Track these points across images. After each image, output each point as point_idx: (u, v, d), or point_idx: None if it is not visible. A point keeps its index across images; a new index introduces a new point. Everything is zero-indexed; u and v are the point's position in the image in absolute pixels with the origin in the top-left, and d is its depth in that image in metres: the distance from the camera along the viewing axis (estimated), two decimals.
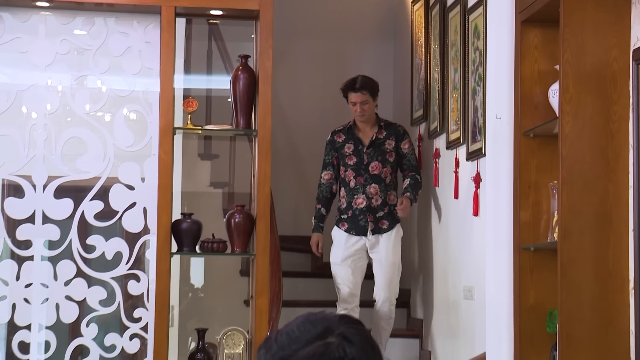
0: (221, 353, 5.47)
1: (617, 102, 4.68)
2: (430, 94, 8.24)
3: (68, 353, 5.43)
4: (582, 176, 4.72)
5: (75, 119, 5.55)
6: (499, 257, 5.50)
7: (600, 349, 4.65)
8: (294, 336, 2.39)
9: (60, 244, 5.43)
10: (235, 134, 6.26)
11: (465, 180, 7.24)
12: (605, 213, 4.70)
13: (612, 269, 4.68)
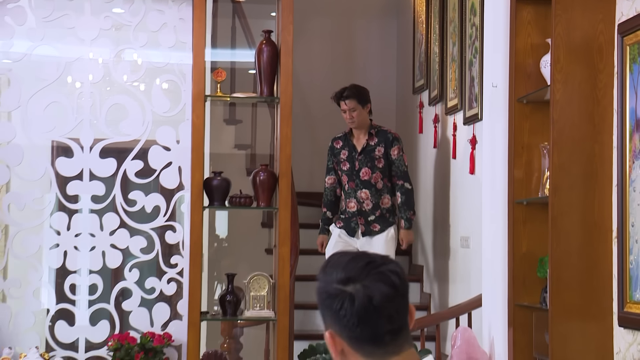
0: (248, 295, 5.47)
1: (603, 71, 4.68)
2: (430, 65, 8.22)
3: (113, 294, 5.46)
4: (570, 138, 4.72)
5: (117, 88, 5.55)
6: (495, 210, 5.52)
7: (586, 291, 4.67)
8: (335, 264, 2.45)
9: (105, 198, 5.44)
10: (259, 101, 6.17)
11: (462, 143, 7.25)
12: (591, 171, 4.70)
13: (597, 220, 4.69)
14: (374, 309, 2.36)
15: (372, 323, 2.37)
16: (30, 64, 5.46)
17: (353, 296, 2.35)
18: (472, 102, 6.97)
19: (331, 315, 2.37)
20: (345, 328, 2.36)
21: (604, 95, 4.68)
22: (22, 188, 5.52)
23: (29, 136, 5.47)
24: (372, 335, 2.39)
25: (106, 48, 5.50)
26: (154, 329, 5.40)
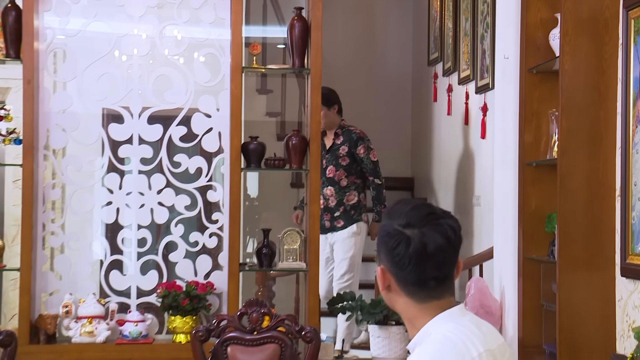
0: (282, 248, 5.49)
1: (608, 43, 4.66)
2: (444, 40, 8.18)
3: (160, 247, 5.48)
4: (577, 105, 4.71)
5: (162, 61, 5.52)
6: (506, 171, 5.53)
7: (590, 244, 4.68)
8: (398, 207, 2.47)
9: (152, 160, 5.45)
10: (291, 72, 6.11)
11: (474, 110, 7.23)
12: (596, 135, 4.69)
13: (602, 180, 4.69)
14: (426, 255, 2.39)
15: (421, 267, 2.39)
16: (84, 39, 5.44)
17: (410, 240, 2.39)
18: (484, 73, 6.94)
19: (386, 253, 2.42)
20: (396, 267, 2.41)
21: (609, 66, 4.66)
22: (78, 151, 5.54)
23: (84, 104, 5.46)
24: (418, 278, 2.41)
25: (152, 24, 5.48)
26: (198, 278, 5.41)
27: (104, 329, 5.20)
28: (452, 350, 2.37)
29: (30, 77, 5.24)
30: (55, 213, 5.50)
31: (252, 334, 3.88)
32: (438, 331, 2.42)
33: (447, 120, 8.09)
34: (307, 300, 5.47)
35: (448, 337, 2.39)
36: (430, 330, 2.42)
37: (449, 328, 2.41)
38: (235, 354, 3.86)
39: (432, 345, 2.39)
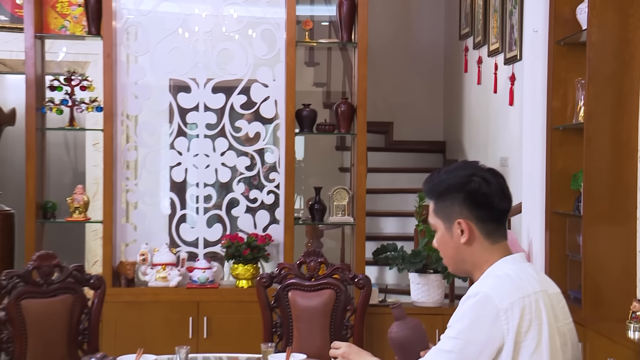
0: (331, 204, 5.47)
1: (634, 15, 4.56)
2: (474, 16, 8.04)
3: (224, 203, 5.47)
4: (603, 73, 4.62)
5: (224, 36, 5.48)
6: (534, 135, 5.44)
7: (614, 200, 4.60)
8: (449, 170, 2.55)
9: (216, 126, 5.43)
10: (341, 45, 6.03)
11: (503, 80, 7.10)
12: (620, 101, 4.60)
13: (625, 142, 4.61)
14: (502, 189, 2.50)
15: (501, 200, 2.48)
16: (155, 17, 5.42)
17: (486, 180, 2.48)
18: (512, 45, 6.82)
19: (468, 199, 2.47)
20: (481, 207, 2.47)
21: (634, 37, 4.56)
22: (151, 117, 5.54)
23: (155, 76, 5.44)
24: (498, 213, 2.50)
25: (214, 4, 5.44)
26: (257, 230, 5.41)
27: (175, 275, 5.22)
28: (510, 284, 2.40)
29: (110, 51, 5.23)
30: (131, 172, 5.51)
31: (310, 281, 3.86)
32: (500, 269, 2.46)
33: (477, 89, 7.98)
34: (354, 251, 5.44)
35: (507, 274, 2.43)
36: (494, 269, 2.47)
37: (510, 267, 2.46)
38: (295, 298, 3.84)
39: (493, 279, 2.44)
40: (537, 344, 2.34)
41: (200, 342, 5.10)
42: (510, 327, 2.33)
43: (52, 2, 5.37)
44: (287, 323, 3.82)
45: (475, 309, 2.36)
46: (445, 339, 2.41)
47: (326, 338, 3.74)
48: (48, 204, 5.37)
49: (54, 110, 5.30)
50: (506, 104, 6.97)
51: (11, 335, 3.43)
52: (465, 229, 2.47)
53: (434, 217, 2.56)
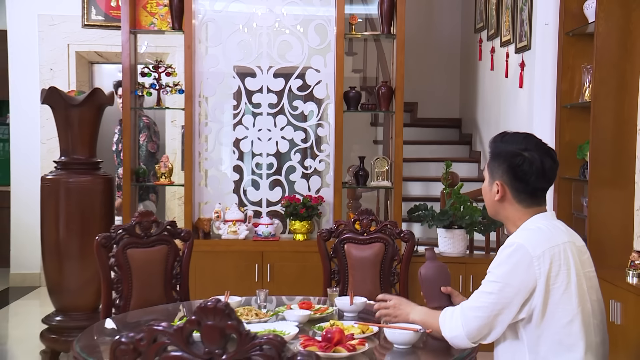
0: (373, 171, 5.44)
1: (635, 9, 4.55)
2: (488, 12, 7.94)
3: (283, 169, 5.47)
4: (608, 59, 4.61)
5: (284, 30, 5.42)
6: (545, 112, 5.47)
7: (615, 167, 4.65)
8: (509, 138, 2.52)
9: (277, 105, 5.42)
10: (382, 37, 5.92)
11: (513, 66, 7.01)
12: (622, 83, 4.61)
13: (626, 118, 4.63)
14: (543, 171, 2.44)
15: (538, 181, 2.44)
16: (226, 16, 5.39)
17: (532, 160, 2.43)
18: (522, 37, 6.72)
19: (509, 170, 2.44)
20: (517, 180, 2.44)
21: (635, 28, 4.56)
22: (223, 98, 5.50)
23: (226, 63, 5.42)
24: (532, 189, 2.46)
25: (276, 2, 5.39)
26: (311, 192, 5.41)
27: (244, 230, 5.24)
28: (541, 236, 2.39)
29: (190, 43, 5.22)
30: (207, 144, 5.47)
31: (362, 235, 3.84)
32: (533, 223, 2.44)
33: (490, 74, 7.90)
34: (392, 209, 5.43)
35: (539, 227, 2.42)
36: (528, 224, 2.45)
37: (542, 222, 2.44)
38: (350, 250, 3.84)
39: (527, 232, 2.42)
40: (567, 286, 2.33)
41: (264, 284, 5.11)
42: (542, 272, 2.32)
43: (143, 3, 5.38)
44: (344, 271, 3.81)
45: (512, 257, 2.35)
46: (485, 283, 2.40)
47: (377, 284, 3.75)
48: (140, 170, 5.40)
49: (144, 92, 5.32)
50: (516, 87, 6.89)
51: (120, 278, 3.46)
52: (500, 190, 2.46)
53: (485, 169, 2.56)
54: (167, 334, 1.62)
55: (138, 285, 3.49)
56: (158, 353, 1.63)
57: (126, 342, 1.65)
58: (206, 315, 1.58)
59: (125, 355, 1.65)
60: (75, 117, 5.09)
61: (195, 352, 1.61)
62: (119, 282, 3.46)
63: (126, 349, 1.65)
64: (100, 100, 5.14)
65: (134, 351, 1.65)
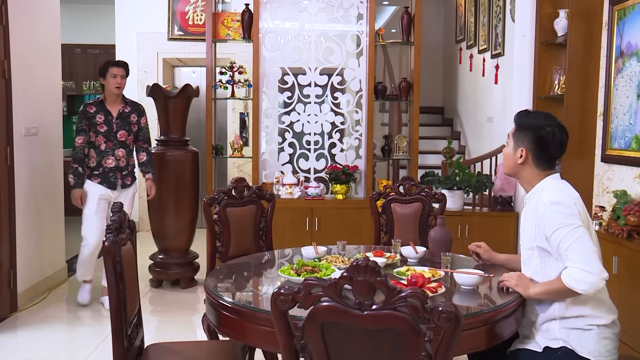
0: (394, 146, 5.20)
1: (597, 25, 4.37)
2: (467, 27, 7.64)
3: (326, 145, 5.25)
4: (577, 62, 4.45)
5: (328, 39, 5.14)
6: (522, 102, 5.18)
7: (581, 144, 4.45)
8: (535, 114, 2.30)
9: (322, 96, 5.17)
10: (404, 44, 5.55)
11: (489, 68, 6.74)
12: (587, 81, 4.45)
13: (590, 106, 4.46)
14: (561, 144, 2.25)
15: (556, 150, 2.25)
16: (283, 28, 5.14)
17: (555, 133, 2.23)
18: (497, 46, 6.46)
19: (535, 139, 2.23)
20: (540, 149, 2.23)
21: (596, 39, 4.37)
22: (281, 91, 5.21)
23: (283, 64, 5.15)
24: (550, 157, 2.26)
25: (321, 17, 5.12)
26: (348, 162, 5.18)
27: (297, 191, 5.04)
28: (566, 189, 2.22)
29: (257, 49, 4.97)
30: (268, 127, 5.20)
31: (405, 196, 3.61)
32: (550, 183, 2.25)
33: (469, 74, 7.64)
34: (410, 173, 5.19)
35: (559, 186, 2.23)
36: (543, 184, 2.25)
37: (558, 182, 2.26)
38: (395, 208, 3.64)
39: (555, 190, 2.20)
40: (589, 226, 2.14)
41: (313, 233, 4.94)
42: (581, 211, 2.15)
43: (221, 19, 5.10)
44: (390, 224, 3.59)
45: (567, 207, 2.12)
46: (569, 233, 2.06)
47: (416, 234, 3.57)
48: (219, 145, 5.17)
49: (222, 87, 5.08)
50: (492, 83, 6.63)
51: (221, 230, 3.25)
52: (524, 155, 2.24)
53: (511, 137, 2.32)
54: (322, 287, 1.40)
55: (234, 236, 3.30)
56: (314, 303, 1.41)
57: (285, 293, 1.43)
58: (358, 272, 1.37)
59: (285, 304, 1.44)
60: (171, 106, 4.88)
61: (347, 302, 1.39)
62: (220, 233, 3.25)
63: (285, 299, 1.43)
64: (190, 93, 4.93)
65: (292, 301, 1.43)
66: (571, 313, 2.08)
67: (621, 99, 4.01)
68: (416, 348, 1.34)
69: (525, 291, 2.15)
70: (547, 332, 2.11)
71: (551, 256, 2.11)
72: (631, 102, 3.89)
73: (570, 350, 2.07)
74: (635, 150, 3.83)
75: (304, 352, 1.43)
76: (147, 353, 2.38)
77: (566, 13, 4.59)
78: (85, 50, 8.52)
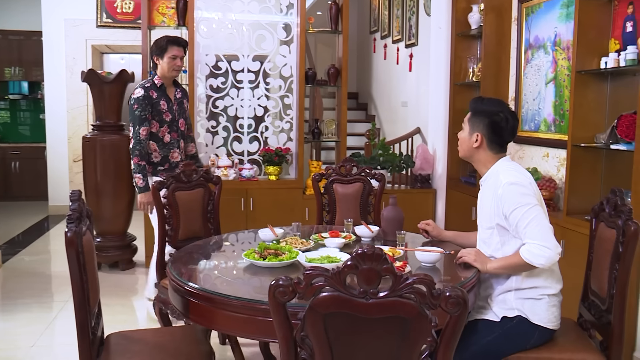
0: (323, 129, 5.05)
1: (507, 20, 4.44)
2: (381, 19, 7.61)
3: (259, 128, 4.99)
4: (490, 52, 4.49)
5: (260, 27, 4.87)
6: (439, 88, 5.18)
7: None
8: (490, 101, 2.21)
9: (254, 81, 4.89)
10: (332, 33, 5.41)
11: (404, 57, 6.75)
12: (499, 69, 4.50)
13: (502, 92, 4.52)
14: (513, 129, 2.18)
15: (509, 134, 2.18)
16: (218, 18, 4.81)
17: (508, 119, 2.16)
18: (411, 37, 6.48)
19: (490, 124, 2.16)
20: (494, 133, 2.16)
21: (507, 31, 4.41)
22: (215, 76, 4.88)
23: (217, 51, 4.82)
24: (503, 141, 2.19)
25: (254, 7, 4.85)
26: (280, 145, 4.99)
27: (232, 172, 4.80)
28: (521, 170, 2.16)
29: (192, 36, 4.66)
30: (204, 111, 4.91)
31: (346, 177, 3.49)
32: (505, 165, 2.18)
33: (383, 62, 7.63)
34: (338, 157, 5.08)
35: (514, 167, 2.17)
36: (497, 167, 2.18)
37: (509, 164, 2.19)
38: (337, 188, 3.48)
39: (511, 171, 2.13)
40: (541, 202, 2.10)
41: (248, 213, 4.75)
42: (535, 191, 2.10)
43: (156, 6, 4.71)
44: (333, 204, 3.45)
45: (523, 187, 2.06)
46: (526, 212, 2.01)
47: (357, 213, 3.45)
48: None
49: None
50: (406, 71, 6.65)
51: (171, 214, 2.99)
52: (479, 140, 2.17)
53: (466, 123, 2.24)
54: (325, 277, 1.23)
55: (183, 219, 3.06)
56: (315, 294, 1.25)
57: (285, 284, 1.26)
58: (364, 261, 1.22)
59: (285, 296, 1.26)
60: (107, 91, 4.48)
61: (352, 291, 1.24)
62: (170, 217, 2.99)
63: (285, 291, 1.26)
64: (125, 78, 4.55)
65: (292, 292, 1.26)
66: (526, 284, 2.05)
67: (530, 87, 4.08)
68: (422, 334, 1.22)
69: (483, 266, 2.10)
70: (503, 303, 2.08)
71: (509, 234, 2.06)
72: (540, 90, 3.96)
73: (524, 319, 2.04)
74: (544, 132, 3.91)
75: (303, 344, 1.27)
76: (108, 343, 2.12)
77: (479, 8, 4.60)
78: (7, 36, 7.77)
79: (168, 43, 3.56)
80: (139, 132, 3.46)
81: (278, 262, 2.12)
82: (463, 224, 4.52)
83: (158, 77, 3.61)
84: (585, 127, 3.22)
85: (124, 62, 7.15)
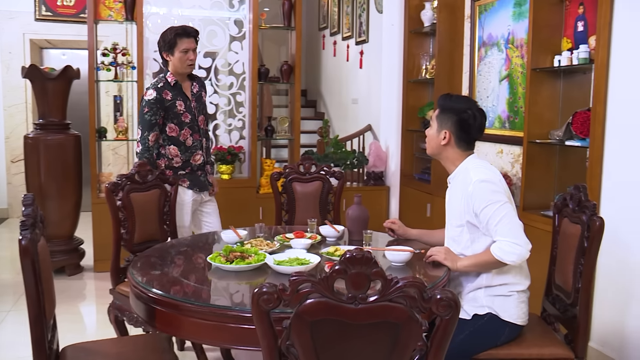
0: (277, 126, 4.97)
1: (460, 17, 4.48)
2: (330, 15, 7.58)
3: (211, 126, 4.84)
4: (444, 49, 4.52)
5: (211, 22, 4.72)
6: (392, 85, 5.20)
7: None
8: (458, 98, 2.20)
9: (206, 78, 4.74)
10: (285, 29, 5.33)
11: (354, 54, 6.74)
12: (452, 66, 4.52)
13: (455, 88, 4.54)
14: (481, 126, 2.17)
15: (476, 132, 2.17)
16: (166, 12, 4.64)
17: (475, 116, 2.15)
18: (362, 34, 6.47)
19: (457, 122, 2.15)
20: (461, 130, 2.15)
21: (460, 30, 4.45)
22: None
23: None
24: (471, 138, 2.18)
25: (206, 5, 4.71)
26: (232, 143, 4.86)
27: None
28: (491, 168, 2.16)
29: (141, 31, 4.47)
30: None
31: (305, 176, 3.43)
32: (474, 163, 2.17)
33: (333, 59, 7.60)
34: (292, 155, 5.01)
35: (483, 164, 2.17)
36: (466, 164, 2.17)
37: (478, 161, 2.19)
38: (296, 187, 3.42)
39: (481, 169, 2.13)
40: (510, 199, 2.10)
41: None
42: (505, 188, 2.10)
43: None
44: (292, 203, 3.38)
45: (493, 184, 2.05)
46: (496, 209, 2.00)
47: (317, 211, 3.39)
48: (102, 129, 4.58)
49: (104, 69, 4.47)
50: (356, 68, 6.64)
51: (126, 216, 2.85)
52: (447, 137, 2.15)
53: (434, 120, 2.21)
54: (312, 283, 1.18)
55: (139, 221, 2.91)
56: (302, 300, 1.19)
57: (269, 291, 1.20)
58: (353, 265, 1.17)
59: (269, 303, 1.20)
60: (51, 88, 4.23)
61: (340, 297, 1.19)
62: (125, 219, 2.85)
63: (269, 298, 1.20)
64: (71, 75, 4.31)
65: (277, 299, 1.20)
66: (496, 282, 2.05)
67: (484, 84, 4.14)
68: (413, 338, 1.18)
69: (453, 264, 2.08)
70: (473, 301, 2.07)
71: (479, 231, 2.06)
72: (493, 87, 4.02)
73: (494, 316, 2.04)
74: (498, 128, 3.98)
75: (289, 353, 1.21)
76: (64, 357, 1.99)
77: (432, 5, 4.64)
78: None
79: (176, 36, 3.14)
80: (147, 137, 3.09)
81: (246, 265, 2.05)
82: (417, 221, 4.55)
83: (171, 75, 3.15)
84: (539, 123, 3.29)
85: (65, 58, 6.80)
